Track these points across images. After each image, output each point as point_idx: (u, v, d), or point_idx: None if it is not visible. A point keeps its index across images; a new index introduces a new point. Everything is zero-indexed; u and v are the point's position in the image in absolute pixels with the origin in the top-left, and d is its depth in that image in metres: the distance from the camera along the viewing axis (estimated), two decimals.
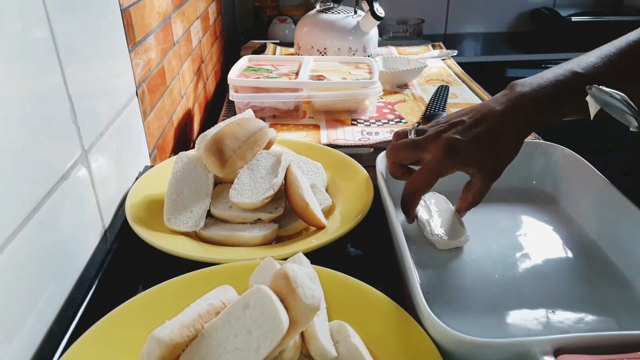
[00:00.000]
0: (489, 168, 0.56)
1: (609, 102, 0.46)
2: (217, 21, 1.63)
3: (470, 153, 0.55)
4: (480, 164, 0.56)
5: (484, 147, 0.55)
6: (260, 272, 0.47)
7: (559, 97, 0.56)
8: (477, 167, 0.56)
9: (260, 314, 0.38)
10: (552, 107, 0.56)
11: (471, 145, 0.55)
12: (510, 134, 0.56)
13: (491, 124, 0.56)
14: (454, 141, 0.55)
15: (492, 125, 0.55)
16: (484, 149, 0.55)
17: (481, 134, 0.55)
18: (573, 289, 0.53)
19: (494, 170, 0.57)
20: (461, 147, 0.55)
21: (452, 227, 0.61)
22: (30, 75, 0.47)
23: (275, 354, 0.39)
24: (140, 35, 0.79)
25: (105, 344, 0.44)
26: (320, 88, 1.04)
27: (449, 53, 1.55)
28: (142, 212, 0.63)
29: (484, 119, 0.56)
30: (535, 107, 0.56)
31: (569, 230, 0.63)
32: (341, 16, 1.38)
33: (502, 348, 0.41)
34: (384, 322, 0.47)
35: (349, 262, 0.65)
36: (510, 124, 0.56)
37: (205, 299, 0.43)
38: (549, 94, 0.56)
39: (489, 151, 0.55)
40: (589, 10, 1.93)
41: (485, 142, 0.55)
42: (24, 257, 0.44)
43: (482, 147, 0.55)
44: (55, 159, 0.51)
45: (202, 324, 0.41)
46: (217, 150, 0.64)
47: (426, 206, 0.65)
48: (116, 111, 0.68)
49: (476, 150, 0.55)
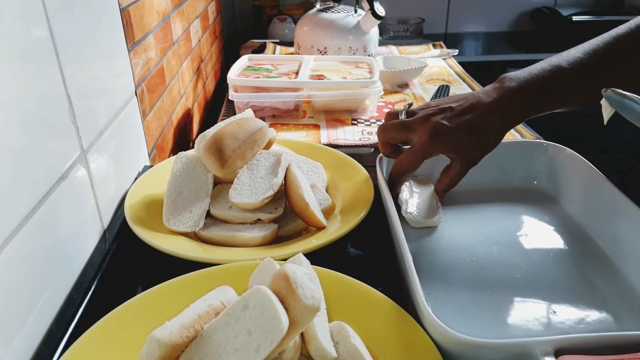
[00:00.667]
0: (469, 155, 0.60)
1: (626, 105, 0.46)
2: (217, 20, 1.63)
3: (453, 139, 0.58)
4: (461, 151, 0.59)
5: (467, 136, 0.59)
6: (259, 272, 0.46)
7: (545, 90, 0.59)
8: (458, 153, 0.60)
9: (260, 314, 0.38)
10: (537, 101, 0.59)
11: (455, 132, 0.58)
12: (493, 127, 0.59)
13: (477, 115, 0.59)
14: (440, 126, 0.58)
15: (478, 115, 0.59)
16: (467, 138, 0.59)
17: (466, 123, 0.59)
18: (574, 289, 0.53)
19: (472, 159, 0.60)
20: (446, 133, 0.58)
21: (428, 208, 0.64)
22: (29, 75, 0.47)
23: (275, 354, 0.39)
24: (139, 34, 0.79)
25: (104, 344, 0.44)
26: (321, 88, 1.04)
27: (449, 52, 1.55)
28: (142, 213, 0.63)
29: (471, 108, 0.59)
30: (521, 101, 0.59)
31: (569, 230, 0.62)
32: (341, 15, 1.38)
33: (503, 348, 0.40)
34: (384, 323, 0.46)
35: (349, 262, 0.65)
36: (494, 117, 0.59)
37: (204, 300, 0.43)
38: (534, 88, 0.59)
39: (471, 140, 0.59)
40: (590, 9, 1.93)
41: (469, 131, 0.58)
42: (23, 258, 0.44)
43: (466, 136, 0.59)
44: (54, 159, 0.51)
45: (201, 324, 0.41)
46: (217, 150, 0.64)
47: (409, 186, 0.68)
48: (115, 111, 0.68)
49: (459, 137, 0.58)
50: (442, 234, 0.63)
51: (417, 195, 0.67)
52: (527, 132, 0.99)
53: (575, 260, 0.57)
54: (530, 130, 0.99)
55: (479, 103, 0.59)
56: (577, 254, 0.58)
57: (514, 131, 0.99)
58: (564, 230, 0.62)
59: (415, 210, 0.64)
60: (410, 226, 0.63)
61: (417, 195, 0.67)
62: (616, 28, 0.61)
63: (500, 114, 0.59)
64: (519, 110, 0.59)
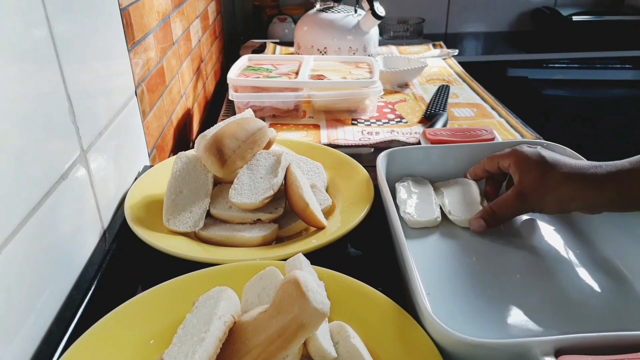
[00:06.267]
0: (526, 187, 0.57)
1: None
2: (217, 20, 1.63)
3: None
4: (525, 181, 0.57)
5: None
6: (259, 280, 0.46)
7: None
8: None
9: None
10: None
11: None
12: (561, 196, 0.56)
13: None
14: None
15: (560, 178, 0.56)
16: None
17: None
18: (574, 289, 0.53)
19: (526, 191, 0.57)
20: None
21: (426, 208, 0.64)
22: (29, 75, 0.47)
23: (280, 358, 0.39)
24: (139, 34, 0.79)
25: (104, 344, 0.44)
26: (321, 88, 1.04)
27: (449, 52, 1.55)
28: (141, 213, 0.63)
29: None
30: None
31: (569, 229, 0.62)
32: (341, 15, 1.38)
33: (503, 349, 0.40)
34: (384, 323, 0.46)
35: (349, 262, 0.64)
36: (568, 190, 0.55)
37: (219, 317, 0.40)
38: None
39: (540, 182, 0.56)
40: (590, 9, 1.93)
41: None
42: (22, 258, 0.44)
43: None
44: (54, 159, 0.51)
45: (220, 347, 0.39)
46: (217, 150, 0.64)
47: (408, 187, 0.68)
48: (115, 111, 0.68)
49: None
50: (442, 234, 0.63)
51: (416, 195, 0.67)
52: (527, 132, 0.99)
53: (575, 260, 0.57)
54: (531, 130, 0.99)
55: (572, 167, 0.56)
56: (577, 254, 0.58)
57: (513, 131, 0.99)
58: (563, 230, 0.62)
59: (413, 211, 0.64)
60: (409, 227, 0.63)
61: (415, 195, 0.67)
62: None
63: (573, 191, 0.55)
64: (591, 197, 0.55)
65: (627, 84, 1.80)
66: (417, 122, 1.06)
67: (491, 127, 0.84)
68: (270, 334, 0.38)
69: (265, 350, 0.38)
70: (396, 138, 0.97)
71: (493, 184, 0.67)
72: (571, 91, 1.78)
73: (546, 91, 1.76)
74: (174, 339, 0.39)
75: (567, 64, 1.78)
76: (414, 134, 0.99)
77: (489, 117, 1.08)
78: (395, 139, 0.97)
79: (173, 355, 0.37)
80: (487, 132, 0.76)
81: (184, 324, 0.40)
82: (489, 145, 0.70)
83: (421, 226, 0.63)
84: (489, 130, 0.76)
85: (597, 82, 1.80)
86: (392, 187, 0.68)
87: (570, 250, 0.59)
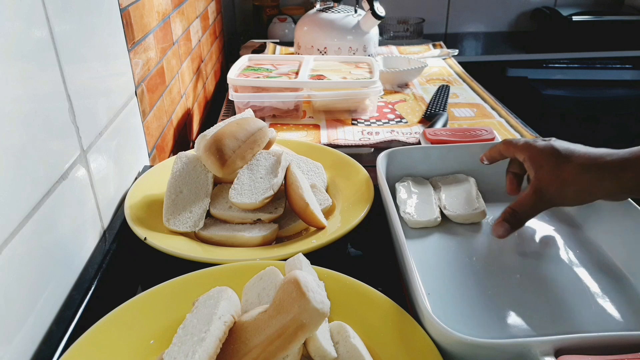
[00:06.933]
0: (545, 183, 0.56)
1: None
2: (217, 20, 1.63)
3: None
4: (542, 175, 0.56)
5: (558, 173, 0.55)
6: (259, 281, 0.46)
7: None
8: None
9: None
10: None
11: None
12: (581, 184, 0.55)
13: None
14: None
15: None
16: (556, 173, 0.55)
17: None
18: (573, 288, 0.53)
19: (545, 184, 0.56)
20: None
21: (426, 208, 0.65)
22: (29, 75, 0.47)
23: (280, 358, 0.39)
24: (139, 34, 0.79)
25: (104, 344, 0.44)
26: (321, 88, 1.04)
27: (449, 52, 1.55)
28: (141, 212, 0.63)
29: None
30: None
31: (569, 230, 0.62)
32: (341, 15, 1.38)
33: (503, 349, 0.40)
34: (384, 323, 0.46)
35: (349, 262, 0.65)
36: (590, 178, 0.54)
37: (219, 317, 0.40)
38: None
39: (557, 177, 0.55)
40: (590, 9, 1.93)
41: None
42: (23, 258, 0.44)
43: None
44: (54, 159, 0.51)
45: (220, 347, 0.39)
46: (217, 150, 0.64)
47: (408, 187, 0.68)
48: (115, 111, 0.68)
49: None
50: (442, 233, 0.63)
51: (416, 195, 0.67)
52: (527, 132, 0.99)
53: (575, 260, 0.57)
54: (530, 130, 0.99)
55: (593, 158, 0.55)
56: (577, 254, 0.58)
57: (513, 131, 0.99)
58: (563, 230, 0.62)
59: (413, 211, 0.64)
60: (409, 226, 0.63)
61: (415, 195, 0.67)
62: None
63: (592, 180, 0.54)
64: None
65: (627, 84, 1.80)
66: (417, 122, 1.06)
67: (491, 127, 0.84)
68: (270, 334, 0.38)
69: (265, 350, 0.38)
70: (396, 138, 0.97)
71: (514, 181, 0.65)
72: (571, 91, 1.78)
73: (546, 91, 1.76)
74: (174, 339, 0.39)
75: (567, 64, 1.78)
76: (414, 134, 1.00)
77: (489, 117, 1.08)
78: (395, 139, 0.97)
79: (173, 355, 0.37)
80: (487, 132, 0.76)
81: (184, 324, 0.40)
82: (489, 145, 0.70)
83: (421, 226, 0.63)
84: (489, 130, 0.76)
85: (597, 82, 1.80)
86: (392, 187, 0.68)
87: (570, 250, 0.59)
